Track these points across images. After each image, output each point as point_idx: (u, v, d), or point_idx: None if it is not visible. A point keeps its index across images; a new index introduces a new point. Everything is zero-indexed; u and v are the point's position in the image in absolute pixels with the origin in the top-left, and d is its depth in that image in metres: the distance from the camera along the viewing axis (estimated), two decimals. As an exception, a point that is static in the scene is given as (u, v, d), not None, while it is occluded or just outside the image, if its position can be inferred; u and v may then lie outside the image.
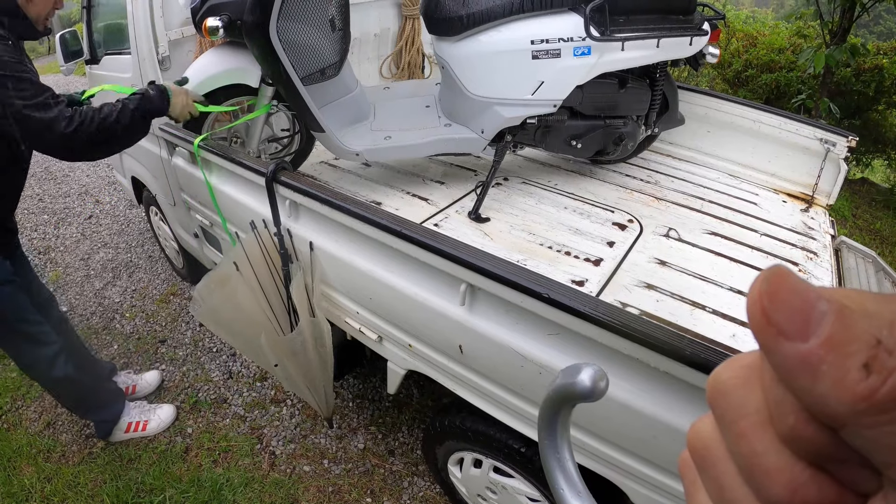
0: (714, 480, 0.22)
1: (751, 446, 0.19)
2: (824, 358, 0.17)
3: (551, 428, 0.37)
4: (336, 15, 2.05)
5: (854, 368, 0.16)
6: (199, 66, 1.99)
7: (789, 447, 0.19)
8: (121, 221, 3.96)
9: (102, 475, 2.11)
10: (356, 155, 2.08)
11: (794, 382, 0.18)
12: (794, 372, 0.17)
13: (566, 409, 0.36)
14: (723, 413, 0.21)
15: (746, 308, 0.19)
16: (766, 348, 0.18)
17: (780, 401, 0.19)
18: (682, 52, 2.07)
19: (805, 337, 0.17)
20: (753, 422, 0.19)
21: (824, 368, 0.17)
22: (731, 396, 0.20)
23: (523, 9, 1.91)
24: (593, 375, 0.33)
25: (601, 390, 0.33)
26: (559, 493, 0.38)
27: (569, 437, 0.38)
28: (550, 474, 0.38)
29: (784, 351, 0.18)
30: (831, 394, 0.17)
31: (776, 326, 0.18)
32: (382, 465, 2.15)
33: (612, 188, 2.35)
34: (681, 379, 1.04)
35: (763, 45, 5.49)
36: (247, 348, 1.82)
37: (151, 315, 2.97)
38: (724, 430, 0.21)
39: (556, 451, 0.38)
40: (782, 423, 0.19)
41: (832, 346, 0.17)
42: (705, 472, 0.22)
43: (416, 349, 1.54)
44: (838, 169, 2.35)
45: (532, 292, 1.15)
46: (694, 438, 0.23)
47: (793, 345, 0.17)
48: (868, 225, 4.61)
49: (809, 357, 0.17)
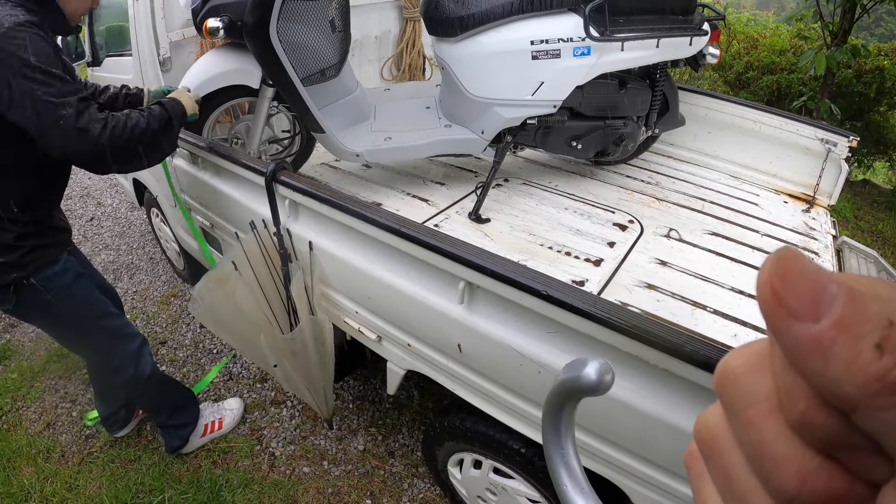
0: (722, 471, 0.21)
1: (760, 434, 0.19)
2: (836, 339, 0.16)
3: (556, 423, 0.37)
4: (336, 16, 2.06)
5: (867, 349, 0.16)
6: (199, 67, 2.00)
7: (799, 435, 0.18)
8: (122, 223, 3.96)
9: (102, 476, 2.11)
10: (356, 156, 2.08)
11: (806, 365, 0.17)
12: (805, 354, 0.17)
13: (571, 404, 0.36)
14: (731, 401, 0.20)
15: (756, 290, 0.18)
16: (776, 330, 0.18)
17: (791, 386, 0.18)
18: (682, 53, 2.07)
19: (816, 318, 0.17)
20: (763, 409, 0.19)
21: (836, 350, 0.16)
22: (740, 384, 0.20)
23: (523, 9, 1.91)
24: (599, 369, 0.32)
25: (607, 384, 0.32)
26: (563, 490, 0.38)
27: (573, 433, 0.37)
28: (554, 470, 0.38)
29: (795, 332, 0.17)
30: (843, 375, 0.16)
31: (787, 308, 0.17)
32: (382, 466, 2.15)
33: (613, 189, 2.35)
34: (681, 377, 1.04)
35: (764, 47, 5.50)
36: (246, 348, 1.81)
37: (152, 317, 2.97)
38: (733, 419, 0.20)
39: (561, 447, 0.37)
40: (792, 410, 0.18)
41: (844, 326, 0.16)
42: (713, 462, 0.22)
43: (415, 348, 1.53)
44: (839, 169, 2.34)
45: (530, 289, 1.14)
46: (701, 429, 0.23)
47: (804, 326, 0.17)
48: (870, 226, 4.60)
49: (821, 338, 0.17)
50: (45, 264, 1.60)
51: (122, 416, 2.19)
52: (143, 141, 1.52)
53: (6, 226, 1.50)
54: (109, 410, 2.16)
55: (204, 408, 2.25)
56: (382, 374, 1.74)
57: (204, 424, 2.20)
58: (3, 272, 1.52)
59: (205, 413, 2.23)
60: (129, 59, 2.35)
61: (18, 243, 1.53)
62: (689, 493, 0.24)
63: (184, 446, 2.15)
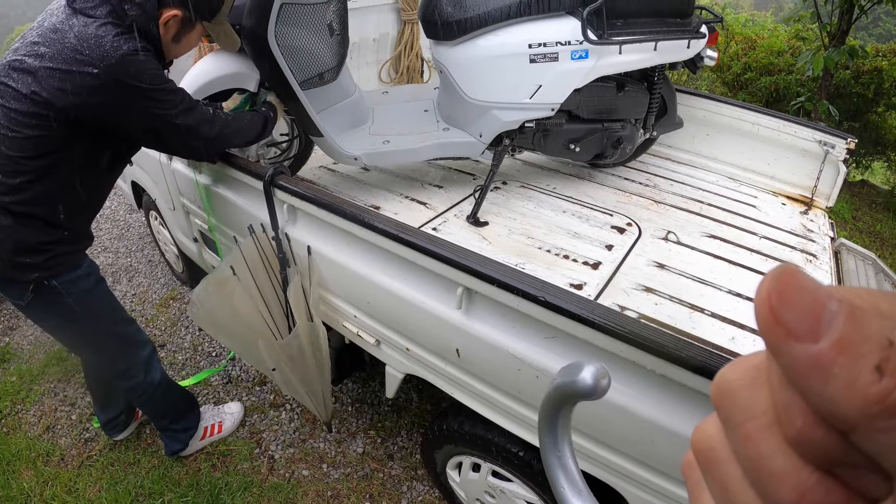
0: (718, 482, 0.21)
1: (757, 449, 0.19)
2: (835, 360, 0.16)
3: (552, 426, 0.37)
4: (334, 19, 2.05)
5: (866, 371, 0.16)
6: (198, 70, 2.00)
7: (797, 450, 0.18)
8: (121, 226, 3.96)
9: (101, 479, 2.11)
10: (355, 159, 2.08)
11: (804, 384, 0.17)
12: (803, 374, 0.17)
13: (567, 407, 0.36)
14: (729, 414, 0.20)
15: (754, 307, 0.18)
16: (774, 349, 0.18)
17: (788, 403, 0.18)
18: (680, 56, 2.08)
19: (815, 338, 0.17)
20: (760, 424, 0.19)
21: (835, 371, 0.16)
22: (738, 398, 0.20)
23: (521, 13, 1.91)
24: (595, 373, 0.32)
25: (603, 388, 0.32)
26: (560, 493, 0.38)
27: (570, 435, 0.37)
28: (551, 473, 0.38)
29: (794, 352, 0.17)
30: (842, 397, 0.16)
31: (785, 327, 0.17)
32: (381, 469, 2.15)
33: (611, 191, 2.35)
34: (678, 382, 1.04)
35: (762, 47, 5.50)
36: (244, 352, 1.82)
37: (151, 319, 2.97)
38: (730, 432, 0.20)
39: (558, 450, 0.37)
40: (790, 426, 0.18)
41: (844, 347, 0.16)
42: (710, 473, 0.22)
43: (414, 353, 1.53)
44: (837, 171, 2.35)
45: (528, 295, 1.15)
46: (699, 439, 0.23)
47: (803, 346, 0.17)
48: (868, 227, 4.60)
49: (820, 359, 0.16)
50: (69, 268, 1.60)
51: (122, 420, 2.19)
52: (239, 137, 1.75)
53: (44, 228, 1.50)
54: (109, 416, 2.16)
55: (204, 411, 2.25)
56: (381, 376, 1.74)
57: (203, 427, 2.20)
58: (26, 271, 1.51)
59: (205, 416, 2.23)
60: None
61: (49, 247, 1.53)
62: (686, 496, 0.25)
63: (183, 449, 2.15)
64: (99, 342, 1.79)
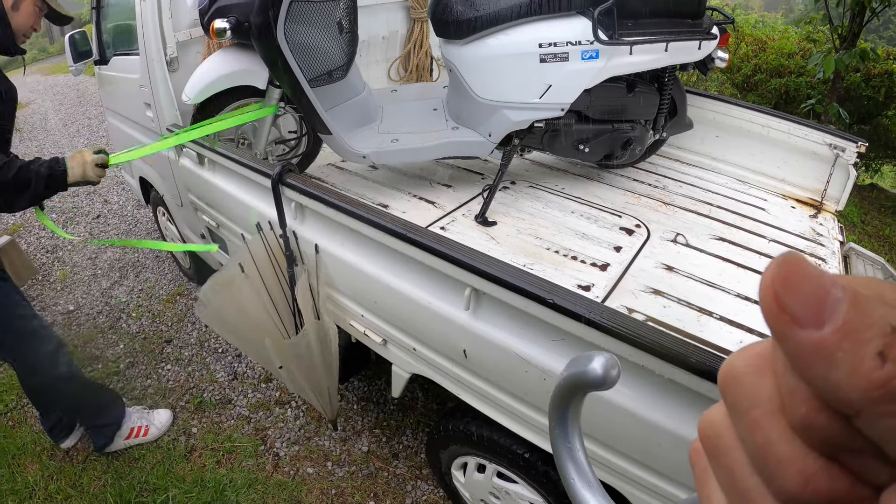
0: (725, 469, 0.22)
1: (763, 435, 0.19)
2: (839, 345, 0.16)
3: (562, 417, 0.37)
4: (344, 17, 2.05)
5: (869, 356, 0.16)
6: (206, 67, 2.00)
7: (801, 436, 0.18)
8: (128, 221, 3.98)
9: (106, 474, 2.12)
10: (363, 157, 2.08)
11: (808, 370, 0.17)
12: (807, 360, 0.17)
13: (578, 398, 0.36)
14: (735, 401, 0.21)
15: (759, 294, 0.19)
16: (779, 336, 0.18)
17: (793, 389, 0.18)
18: (691, 56, 2.06)
19: (819, 324, 0.17)
20: (765, 410, 0.19)
21: (839, 356, 0.16)
22: (744, 385, 0.20)
23: (531, 12, 1.90)
24: (605, 363, 0.32)
25: (613, 378, 0.32)
26: (570, 484, 0.37)
27: (580, 426, 0.37)
28: (561, 464, 0.38)
29: (798, 338, 0.17)
30: (846, 382, 0.16)
31: (789, 313, 0.17)
32: (386, 468, 2.15)
33: (620, 193, 2.34)
34: (686, 387, 1.03)
35: (772, 49, 5.47)
36: (252, 350, 1.82)
37: (157, 315, 2.99)
38: (736, 419, 0.21)
39: (567, 441, 0.37)
40: (795, 412, 0.18)
41: (847, 333, 0.16)
42: (716, 460, 0.22)
43: (421, 353, 1.53)
44: (847, 175, 2.33)
45: (536, 297, 1.14)
46: (705, 427, 0.23)
47: (807, 332, 0.17)
48: (877, 231, 4.57)
49: (824, 344, 0.17)
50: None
51: (65, 425, 2.20)
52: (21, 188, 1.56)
53: None
54: (51, 422, 2.16)
55: (132, 412, 2.26)
56: (387, 375, 1.74)
57: (130, 427, 2.21)
58: None
59: (133, 417, 2.24)
60: (136, 57, 2.35)
61: None
62: None
63: (109, 444, 2.17)
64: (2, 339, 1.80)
